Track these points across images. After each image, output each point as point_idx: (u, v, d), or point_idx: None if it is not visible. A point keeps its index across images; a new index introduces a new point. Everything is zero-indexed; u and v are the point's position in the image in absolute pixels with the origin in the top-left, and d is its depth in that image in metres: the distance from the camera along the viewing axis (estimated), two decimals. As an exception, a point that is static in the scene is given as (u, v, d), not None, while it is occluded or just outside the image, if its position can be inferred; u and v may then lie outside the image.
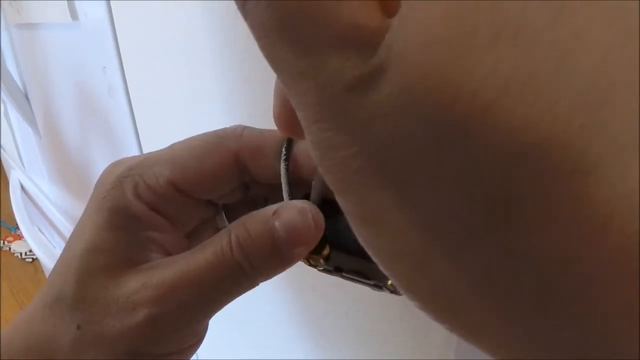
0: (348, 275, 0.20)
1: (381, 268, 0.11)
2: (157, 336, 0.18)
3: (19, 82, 1.07)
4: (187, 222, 0.22)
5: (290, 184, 0.20)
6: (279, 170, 0.20)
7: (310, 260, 0.20)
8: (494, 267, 0.09)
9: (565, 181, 0.08)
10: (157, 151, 0.21)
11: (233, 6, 0.11)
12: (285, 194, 0.20)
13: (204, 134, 0.22)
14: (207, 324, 0.21)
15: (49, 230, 1.31)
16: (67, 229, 1.12)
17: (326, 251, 0.20)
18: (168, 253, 0.20)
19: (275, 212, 0.18)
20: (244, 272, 0.18)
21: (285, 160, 0.20)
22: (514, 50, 0.08)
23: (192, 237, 0.22)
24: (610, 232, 0.08)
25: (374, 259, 0.11)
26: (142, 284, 0.18)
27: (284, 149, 0.20)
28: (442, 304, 0.10)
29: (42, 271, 1.77)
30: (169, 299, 0.18)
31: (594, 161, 0.08)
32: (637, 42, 0.08)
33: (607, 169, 0.08)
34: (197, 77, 0.47)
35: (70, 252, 0.20)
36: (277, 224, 0.18)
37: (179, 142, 0.22)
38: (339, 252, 0.19)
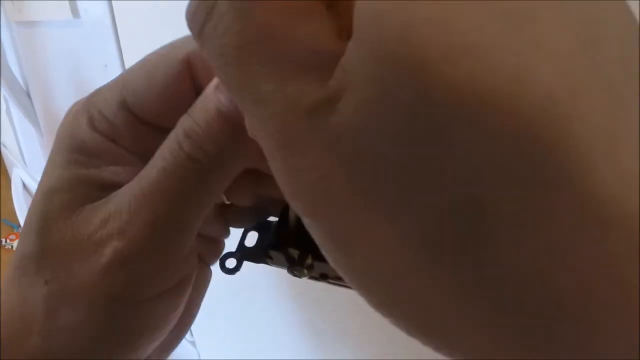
0: (334, 282, 0.19)
1: (354, 288, 0.11)
2: (131, 275, 0.16)
3: (20, 80, 1.07)
4: (148, 153, 0.18)
5: None
6: None
7: (294, 271, 0.20)
8: (469, 280, 0.09)
9: (536, 196, 0.08)
10: (114, 78, 0.19)
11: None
12: None
13: (159, 48, 0.19)
14: (190, 258, 0.18)
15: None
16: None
17: (309, 261, 0.19)
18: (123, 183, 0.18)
19: (217, 87, 0.16)
20: (202, 164, 0.16)
21: None
22: (468, 64, 0.08)
23: None
24: (582, 247, 0.08)
25: (346, 279, 0.11)
26: (101, 218, 0.16)
27: None
28: (418, 319, 0.10)
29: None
30: (131, 225, 0.16)
31: (562, 174, 0.08)
32: (598, 49, 0.08)
33: (576, 182, 0.08)
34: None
35: (32, 201, 0.18)
36: (222, 97, 0.15)
37: (134, 63, 0.19)
38: (321, 261, 0.19)
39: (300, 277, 0.20)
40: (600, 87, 0.08)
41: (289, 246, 0.20)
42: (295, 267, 0.19)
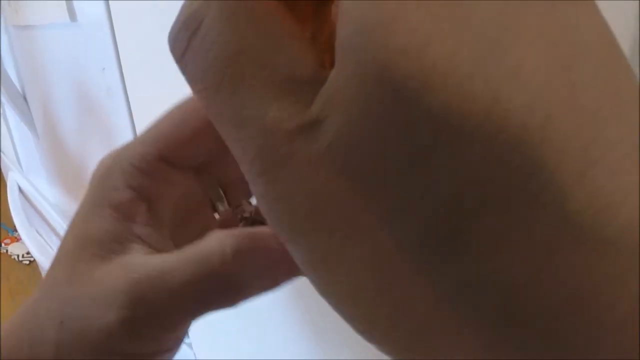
0: None
1: (335, 310, 0.11)
2: (134, 336, 0.17)
3: (17, 83, 1.07)
4: (178, 210, 0.20)
5: None
6: None
7: None
8: (452, 291, 0.09)
9: (518, 206, 0.08)
10: (143, 131, 0.20)
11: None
12: None
13: (185, 99, 0.21)
14: (187, 330, 0.20)
15: (47, 232, 1.30)
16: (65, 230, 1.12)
17: None
18: (152, 247, 0.19)
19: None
20: (235, 286, 0.17)
21: None
22: (445, 92, 0.08)
23: (177, 234, 0.21)
24: (564, 257, 0.08)
25: (328, 302, 0.11)
26: (120, 282, 0.17)
27: None
28: (401, 333, 0.10)
29: (40, 273, 1.77)
30: (140, 304, 0.17)
31: (536, 191, 0.08)
32: (573, 73, 0.08)
33: (551, 199, 0.08)
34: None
35: (61, 246, 0.19)
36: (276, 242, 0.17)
37: (162, 116, 0.21)
38: None
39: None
40: (576, 111, 0.08)
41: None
42: None
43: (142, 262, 0.18)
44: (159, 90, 0.54)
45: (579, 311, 0.08)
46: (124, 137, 0.66)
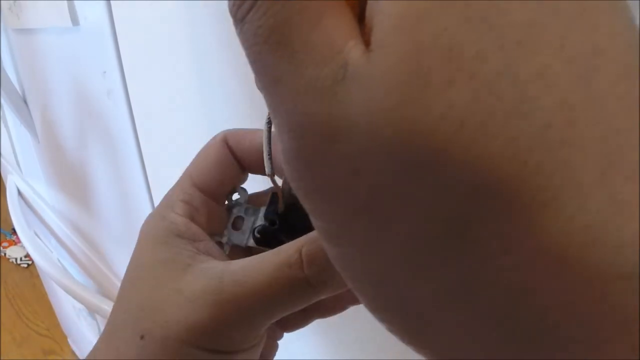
0: None
1: (351, 287, 0.12)
2: (219, 334, 0.19)
3: (17, 86, 1.07)
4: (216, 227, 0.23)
5: (271, 144, 0.20)
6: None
7: None
8: (454, 290, 0.09)
9: (520, 215, 0.08)
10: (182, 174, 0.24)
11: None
12: (266, 156, 0.20)
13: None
14: (264, 330, 0.21)
15: (46, 234, 1.30)
16: (65, 233, 1.12)
17: None
18: (218, 259, 0.21)
19: None
20: (312, 288, 0.18)
21: (268, 122, 0.20)
22: (469, 92, 0.08)
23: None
24: (568, 264, 0.08)
25: (343, 275, 0.12)
26: (204, 285, 0.19)
27: (267, 115, 0.20)
28: (410, 322, 0.11)
29: (38, 276, 1.76)
30: (226, 302, 0.18)
31: (551, 196, 0.08)
32: (599, 81, 0.08)
33: (564, 204, 0.08)
34: (197, 82, 0.47)
35: (139, 276, 0.21)
36: None
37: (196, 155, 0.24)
38: None
39: None
40: (595, 124, 0.08)
41: (277, 230, 0.21)
42: None
43: (223, 268, 0.19)
44: (160, 93, 0.54)
45: (577, 314, 0.08)
46: (124, 140, 0.66)
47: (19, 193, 1.29)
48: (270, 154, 0.20)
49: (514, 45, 0.08)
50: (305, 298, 0.19)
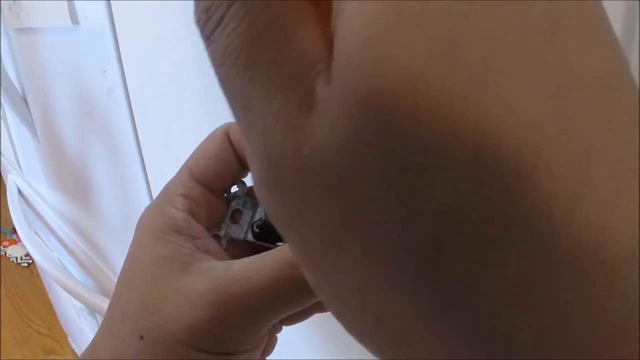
0: None
1: (327, 307, 0.11)
2: (220, 334, 0.19)
3: (17, 86, 1.07)
4: (212, 219, 0.23)
5: None
6: None
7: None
8: (430, 306, 0.09)
9: (490, 243, 0.08)
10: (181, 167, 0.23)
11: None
12: None
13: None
14: (265, 332, 0.21)
15: (46, 233, 1.30)
16: (65, 232, 1.12)
17: None
18: (217, 258, 0.21)
19: None
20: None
21: None
22: (434, 125, 0.08)
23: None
24: (540, 289, 0.08)
25: (320, 296, 0.11)
26: (204, 285, 0.19)
27: None
28: (386, 339, 0.10)
29: (38, 275, 1.77)
30: (227, 302, 0.18)
31: (519, 229, 0.08)
32: (567, 105, 0.08)
33: (537, 235, 0.08)
34: (197, 82, 0.47)
35: (127, 273, 0.21)
36: None
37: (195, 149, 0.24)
38: None
39: None
40: (565, 142, 0.08)
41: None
42: (283, 242, 0.20)
43: (224, 267, 0.19)
44: (160, 93, 0.54)
45: (552, 327, 0.08)
46: (124, 140, 0.66)
47: (19, 192, 1.30)
48: None
49: (480, 75, 0.08)
50: (306, 298, 0.19)
